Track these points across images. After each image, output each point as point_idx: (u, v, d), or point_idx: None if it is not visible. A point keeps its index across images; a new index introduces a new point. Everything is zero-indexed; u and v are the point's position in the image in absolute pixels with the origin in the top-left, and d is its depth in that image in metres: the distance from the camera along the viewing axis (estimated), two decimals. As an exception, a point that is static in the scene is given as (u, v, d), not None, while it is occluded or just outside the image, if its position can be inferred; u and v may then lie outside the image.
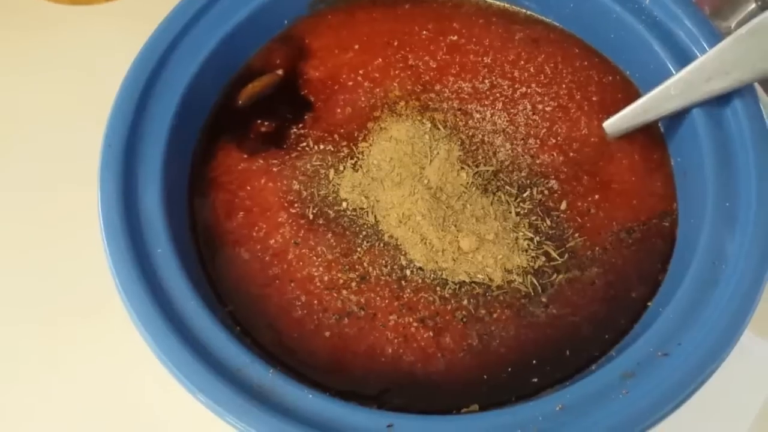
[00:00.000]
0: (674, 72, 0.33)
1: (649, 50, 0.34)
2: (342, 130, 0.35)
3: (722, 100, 0.32)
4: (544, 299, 0.31)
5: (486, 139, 0.35)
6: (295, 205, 0.33)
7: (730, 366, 0.31)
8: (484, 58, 0.37)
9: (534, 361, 0.30)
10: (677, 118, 0.33)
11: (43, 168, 0.52)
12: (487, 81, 0.36)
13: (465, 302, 0.31)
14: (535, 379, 0.29)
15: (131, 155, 0.32)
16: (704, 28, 0.33)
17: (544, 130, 0.35)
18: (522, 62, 0.36)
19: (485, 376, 0.29)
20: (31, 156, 0.53)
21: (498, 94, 0.36)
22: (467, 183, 0.33)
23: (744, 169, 0.30)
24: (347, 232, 0.32)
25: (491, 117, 0.35)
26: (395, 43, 0.37)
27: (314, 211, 0.33)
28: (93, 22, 0.62)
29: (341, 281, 0.31)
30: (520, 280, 0.31)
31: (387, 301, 0.31)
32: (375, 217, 0.33)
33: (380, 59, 0.37)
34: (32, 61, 0.59)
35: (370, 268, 0.32)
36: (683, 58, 0.33)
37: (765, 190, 0.29)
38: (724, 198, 0.30)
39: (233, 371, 0.27)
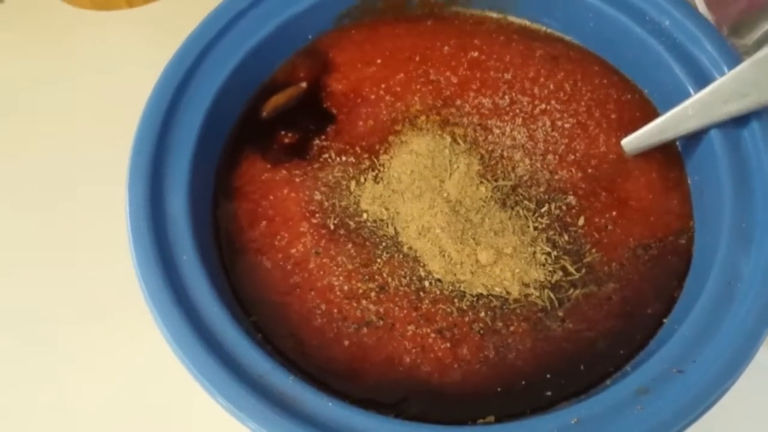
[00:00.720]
0: (692, 92, 0.33)
1: (668, 70, 0.35)
2: (364, 143, 0.36)
3: (740, 121, 0.32)
4: (560, 313, 0.31)
5: (505, 154, 0.35)
6: (317, 215, 0.34)
7: (746, 384, 0.32)
8: (505, 75, 0.37)
9: (548, 375, 0.30)
10: (695, 137, 0.34)
11: (65, 172, 0.53)
12: (507, 97, 0.37)
13: (482, 314, 0.31)
14: (549, 393, 0.30)
15: (159, 163, 0.32)
16: (723, 51, 0.33)
17: (563, 146, 0.35)
18: (542, 79, 0.37)
19: (501, 388, 0.30)
20: (54, 160, 0.54)
21: (518, 110, 0.36)
22: (486, 197, 0.34)
23: (761, 190, 0.30)
24: (367, 243, 0.33)
25: (511, 132, 0.36)
26: (417, 59, 0.38)
27: (335, 222, 0.33)
28: (114, 27, 0.63)
29: (361, 291, 0.32)
30: (537, 294, 0.32)
31: (405, 311, 0.31)
32: (395, 228, 0.33)
33: (402, 74, 0.37)
34: (54, 66, 0.60)
35: (390, 279, 0.32)
36: (702, 79, 0.33)
37: (782, 211, 0.30)
38: (740, 218, 0.30)
39: (255, 378, 0.28)
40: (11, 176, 0.54)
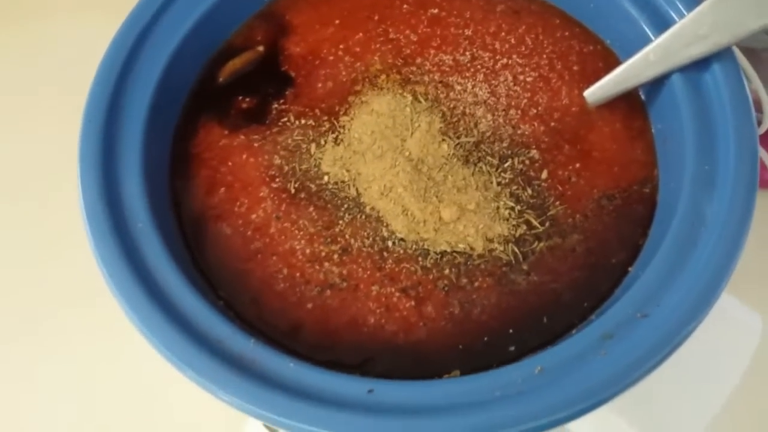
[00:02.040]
0: (653, 39, 0.33)
1: (629, 18, 0.34)
2: (323, 105, 0.35)
3: (701, 64, 0.32)
4: (525, 267, 0.31)
5: (467, 110, 0.35)
6: (277, 179, 0.33)
7: (714, 330, 0.31)
8: (465, 31, 0.37)
9: (511, 330, 0.30)
10: (657, 84, 0.33)
11: (32, 158, 0.52)
12: (468, 53, 0.36)
13: (447, 271, 0.31)
14: (513, 348, 0.30)
15: (111, 131, 0.32)
16: (681, -8, 0.33)
17: (525, 100, 0.35)
18: (503, 34, 0.36)
19: (465, 345, 0.30)
20: (19, 147, 0.53)
21: (479, 66, 0.36)
22: (448, 154, 0.33)
23: (723, 133, 0.30)
24: (329, 206, 0.32)
25: (472, 89, 0.35)
26: (376, 18, 0.37)
27: (296, 186, 0.33)
28: (65, 11, 0.62)
29: (323, 254, 0.31)
30: (501, 249, 0.31)
31: (369, 272, 0.31)
32: (357, 189, 0.33)
33: (361, 34, 0.37)
34: (21, 52, 0.59)
35: (352, 240, 0.32)
36: (663, 25, 0.33)
37: (744, 152, 0.29)
38: (703, 161, 0.30)
39: (214, 342, 0.27)
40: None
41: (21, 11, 0.61)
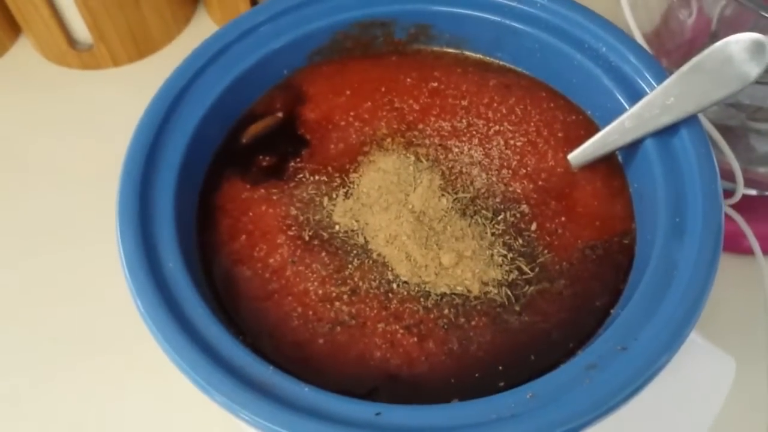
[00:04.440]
0: (628, 109, 0.37)
1: (606, 91, 0.39)
2: (335, 163, 0.39)
3: (671, 130, 0.36)
4: (517, 308, 0.34)
5: (464, 170, 0.39)
6: (293, 228, 0.37)
7: (688, 372, 0.34)
8: (462, 101, 0.41)
9: (503, 365, 0.33)
10: (633, 148, 0.37)
11: (56, 217, 0.56)
12: (464, 120, 0.40)
13: (446, 311, 0.34)
14: (503, 383, 0.32)
15: (146, 185, 0.35)
16: (652, 68, 0.37)
17: (516, 162, 0.39)
18: (495, 104, 0.41)
19: (464, 376, 0.32)
20: (43, 209, 0.57)
21: (474, 132, 0.40)
22: (447, 208, 0.37)
23: (691, 188, 0.34)
24: (339, 251, 0.36)
25: (468, 151, 0.39)
26: (383, 89, 0.42)
27: (310, 234, 0.36)
28: (102, 85, 0.67)
29: (334, 294, 0.35)
30: (496, 291, 0.34)
31: (376, 311, 0.34)
32: (365, 237, 0.36)
33: (369, 102, 0.41)
34: (44, 123, 0.64)
35: (360, 282, 0.35)
36: (636, 96, 0.37)
37: (709, 204, 0.33)
38: (674, 214, 0.34)
39: (237, 369, 0.30)
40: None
41: (53, 82, 0.66)
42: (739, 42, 0.34)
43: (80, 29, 0.64)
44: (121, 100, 0.64)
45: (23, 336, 0.50)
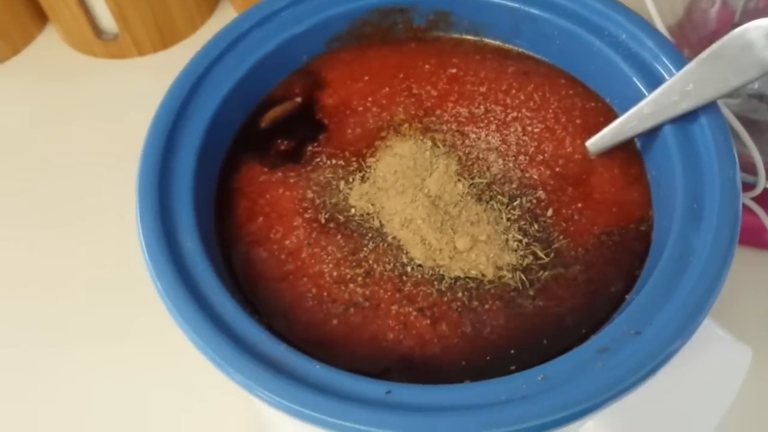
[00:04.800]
0: (647, 95, 0.37)
1: (625, 78, 0.38)
2: (352, 148, 0.39)
3: (690, 116, 0.35)
4: (531, 293, 0.34)
5: (481, 156, 0.39)
6: (309, 211, 0.37)
7: (704, 361, 0.34)
8: (480, 88, 0.41)
9: (516, 348, 0.33)
10: (651, 135, 0.37)
11: (82, 207, 0.57)
12: (482, 107, 0.40)
13: (460, 294, 0.34)
14: (515, 365, 0.32)
15: (166, 167, 0.36)
16: (671, 54, 0.37)
17: (533, 148, 0.39)
18: (514, 91, 0.41)
19: (476, 359, 0.33)
20: (65, 199, 0.58)
21: (492, 118, 0.40)
22: (463, 193, 0.37)
23: (709, 174, 0.34)
24: (355, 234, 0.36)
25: (485, 137, 0.39)
26: (401, 75, 0.42)
27: (326, 216, 0.37)
28: (126, 74, 0.68)
29: (349, 276, 0.35)
30: (510, 276, 0.34)
31: (389, 293, 0.34)
32: (380, 221, 0.36)
33: (387, 88, 0.41)
34: (69, 111, 0.65)
35: (375, 265, 0.35)
36: (655, 83, 0.37)
37: (727, 190, 0.33)
38: (692, 200, 0.33)
39: (251, 345, 0.31)
40: (27, 209, 0.58)
41: (78, 70, 0.67)
42: (759, 28, 0.33)
43: (106, 18, 0.65)
44: (145, 88, 0.65)
45: (38, 313, 0.52)
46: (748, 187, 0.48)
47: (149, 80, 0.66)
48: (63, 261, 0.54)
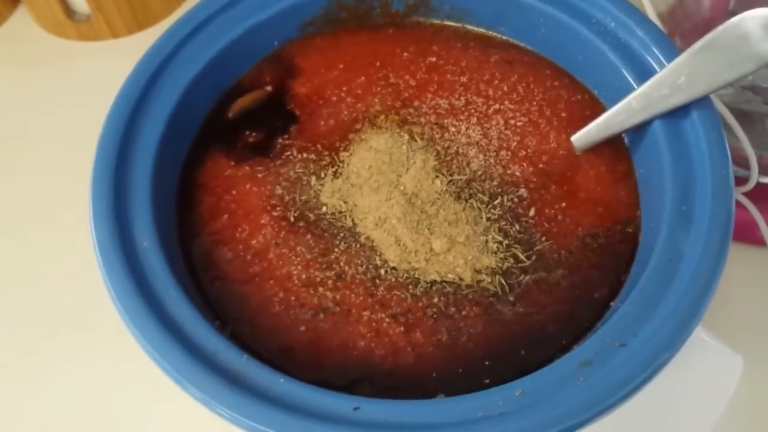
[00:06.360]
0: (636, 88, 0.35)
1: (614, 70, 0.36)
2: (324, 141, 0.37)
3: (681, 111, 0.33)
4: (511, 298, 0.32)
5: (460, 150, 0.36)
6: (278, 208, 0.35)
7: (695, 370, 0.32)
8: (461, 78, 0.39)
9: (494, 359, 0.31)
10: (640, 131, 0.35)
11: (50, 189, 0.55)
12: (462, 98, 0.38)
13: (435, 300, 0.32)
14: (490, 379, 0.30)
15: (123, 159, 0.34)
16: (662, 44, 0.35)
17: (515, 143, 0.37)
18: (496, 82, 0.39)
19: (453, 370, 0.31)
20: (37, 182, 0.56)
21: (473, 110, 0.38)
22: (441, 190, 0.35)
23: (701, 174, 0.32)
24: (326, 234, 0.34)
25: (466, 131, 0.37)
26: (378, 64, 0.39)
27: (295, 214, 0.35)
28: (99, 57, 0.65)
29: (318, 279, 0.33)
30: (489, 280, 0.33)
31: (361, 298, 0.32)
32: (353, 220, 0.34)
33: (363, 77, 0.39)
34: (41, 94, 0.62)
35: (347, 267, 0.33)
36: (645, 75, 0.35)
37: (719, 191, 0.31)
38: (681, 202, 0.31)
39: (209, 356, 0.28)
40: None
41: (50, 53, 0.65)
42: (756, 18, 0.31)
43: (77, -1, 0.62)
44: (118, 72, 0.62)
45: (18, 306, 0.49)
46: (740, 181, 0.46)
47: (123, 63, 0.63)
48: (28, 250, 0.52)
